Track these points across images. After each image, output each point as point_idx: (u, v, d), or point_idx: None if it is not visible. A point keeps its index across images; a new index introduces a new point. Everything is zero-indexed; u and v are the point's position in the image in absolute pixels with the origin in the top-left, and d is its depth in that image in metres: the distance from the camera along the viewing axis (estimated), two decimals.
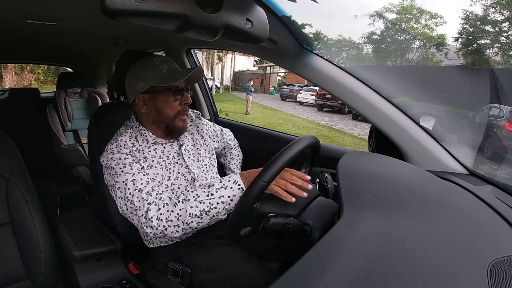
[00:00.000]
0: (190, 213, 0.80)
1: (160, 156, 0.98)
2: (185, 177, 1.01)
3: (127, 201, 0.86)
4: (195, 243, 1.00)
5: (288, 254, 0.93)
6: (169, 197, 0.85)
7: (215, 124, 1.29)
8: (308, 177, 0.80)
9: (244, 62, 24.93)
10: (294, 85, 17.02)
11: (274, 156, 0.73)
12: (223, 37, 0.67)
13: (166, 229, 0.81)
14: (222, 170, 1.33)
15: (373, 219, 0.58)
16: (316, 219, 0.75)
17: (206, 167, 1.10)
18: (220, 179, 0.84)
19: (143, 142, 0.98)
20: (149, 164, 0.95)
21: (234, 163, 1.30)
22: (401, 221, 0.59)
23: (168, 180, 0.98)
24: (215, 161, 1.17)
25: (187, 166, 1.02)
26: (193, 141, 1.10)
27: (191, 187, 0.86)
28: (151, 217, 0.81)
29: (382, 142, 1.03)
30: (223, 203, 0.80)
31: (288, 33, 0.99)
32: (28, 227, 0.95)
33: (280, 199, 0.77)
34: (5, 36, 1.62)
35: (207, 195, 0.81)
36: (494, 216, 0.66)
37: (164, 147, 1.01)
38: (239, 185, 0.81)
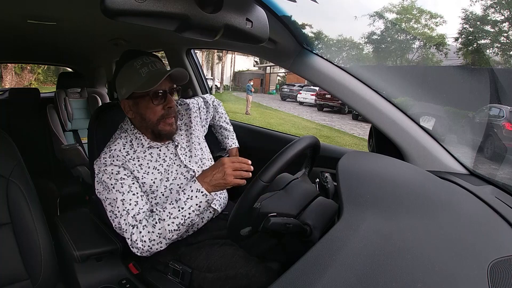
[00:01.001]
0: (169, 230, 0.84)
1: (156, 160, 0.97)
2: (184, 175, 1.01)
3: (116, 218, 0.88)
4: (195, 243, 1.00)
5: (288, 254, 0.93)
6: (146, 219, 0.87)
7: (196, 97, 1.27)
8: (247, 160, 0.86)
9: (244, 62, 24.92)
10: (294, 85, 17.01)
11: (274, 156, 0.73)
12: (223, 37, 0.67)
13: (151, 248, 0.86)
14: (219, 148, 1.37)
15: (373, 219, 0.58)
16: (316, 219, 0.75)
17: (202, 161, 1.09)
18: (183, 189, 0.86)
19: (138, 147, 0.96)
20: (145, 171, 0.94)
21: (224, 120, 1.35)
22: (401, 221, 0.59)
23: (166, 181, 0.97)
24: (207, 151, 1.16)
25: (185, 165, 1.02)
26: (187, 137, 1.09)
27: (161, 207, 0.87)
28: (135, 240, 0.85)
29: (382, 142, 1.03)
30: (193, 211, 0.85)
31: (288, 33, 0.99)
32: (28, 227, 0.95)
33: (280, 199, 0.77)
34: (5, 36, 1.62)
35: (178, 210, 0.84)
36: (494, 216, 0.66)
37: (160, 150, 0.99)
38: (202, 192, 0.85)
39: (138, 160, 0.95)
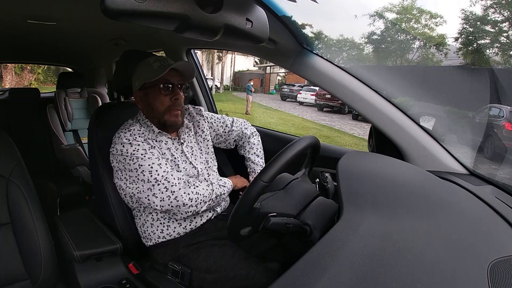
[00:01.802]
0: (216, 193, 1.00)
1: (167, 148, 1.02)
2: (187, 172, 1.04)
3: (156, 182, 0.92)
4: (195, 243, 1.00)
5: (288, 254, 0.93)
6: (198, 179, 1.01)
7: (224, 116, 1.27)
8: None
9: (244, 62, 24.91)
10: (294, 85, 17.00)
11: (274, 156, 0.73)
12: (223, 37, 0.67)
13: (198, 204, 0.95)
14: (221, 169, 1.32)
15: (373, 219, 0.58)
16: (316, 219, 0.75)
17: (208, 163, 1.12)
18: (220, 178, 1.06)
19: (149, 134, 1.01)
20: (162, 152, 1.00)
21: (254, 152, 1.23)
22: (401, 221, 0.59)
23: (178, 167, 1.02)
24: (215, 160, 1.17)
25: (191, 162, 1.05)
26: (194, 137, 1.12)
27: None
28: (189, 193, 0.94)
29: (382, 142, 1.03)
30: (225, 191, 1.05)
31: (288, 33, 0.99)
32: (28, 227, 0.95)
33: (280, 199, 0.77)
34: (5, 36, 1.62)
35: (220, 185, 1.03)
36: (494, 216, 0.66)
37: (167, 142, 1.04)
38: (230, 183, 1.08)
39: (154, 142, 1.00)
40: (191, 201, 0.93)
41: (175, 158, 1.03)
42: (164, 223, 1.00)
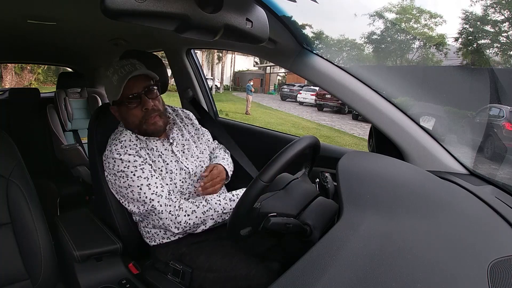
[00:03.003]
0: (214, 209, 0.94)
1: (158, 154, 1.00)
2: (180, 173, 1.02)
3: (145, 204, 0.91)
4: (196, 242, 1.00)
5: (288, 254, 0.93)
6: (194, 202, 0.95)
7: (212, 141, 1.25)
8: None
9: (244, 62, 24.91)
10: (294, 85, 17.00)
11: (274, 156, 0.73)
12: (223, 37, 0.67)
13: (190, 228, 0.92)
14: None
15: (373, 219, 0.58)
16: (316, 219, 0.75)
17: (204, 163, 1.10)
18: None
19: (139, 141, 0.99)
20: (153, 160, 0.97)
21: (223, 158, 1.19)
22: (401, 221, 0.59)
23: (171, 173, 0.99)
24: (207, 155, 1.16)
25: (181, 162, 1.03)
26: (183, 136, 1.10)
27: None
28: (180, 221, 0.91)
29: (382, 142, 1.03)
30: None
31: (288, 33, 0.99)
32: (28, 227, 0.95)
33: (280, 199, 0.77)
34: (5, 36, 1.62)
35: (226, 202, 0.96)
36: (494, 216, 0.66)
37: (156, 144, 1.01)
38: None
39: (145, 151, 0.98)
40: (178, 229, 0.92)
41: (167, 164, 1.00)
42: None
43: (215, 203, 0.95)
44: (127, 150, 0.93)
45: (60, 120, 2.21)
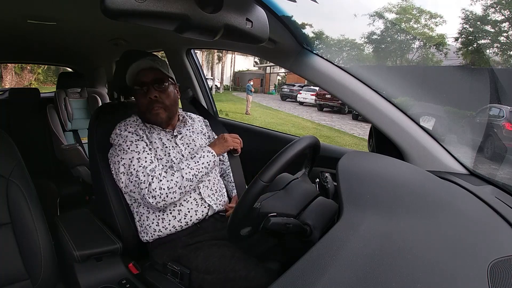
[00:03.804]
0: (186, 178, 0.97)
1: (157, 139, 1.06)
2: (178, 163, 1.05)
3: (131, 176, 0.97)
4: (193, 243, 0.99)
5: (288, 254, 0.93)
6: (165, 171, 0.98)
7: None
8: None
9: (244, 62, 24.90)
10: (294, 85, 16.99)
11: (274, 156, 0.73)
12: (223, 37, 0.67)
13: (167, 196, 0.95)
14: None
15: (373, 219, 0.58)
16: (316, 219, 0.75)
17: None
18: (196, 152, 1.05)
19: (143, 127, 1.07)
20: (151, 142, 1.04)
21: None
22: (401, 221, 0.59)
23: (167, 162, 1.03)
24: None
25: (183, 155, 1.06)
26: (191, 136, 1.13)
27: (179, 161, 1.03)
28: (154, 188, 0.94)
29: (382, 142, 1.03)
30: (205, 168, 1.02)
31: (288, 33, 0.99)
32: (28, 227, 0.95)
33: (280, 199, 0.77)
34: (5, 36, 1.62)
35: (195, 163, 1.00)
36: (494, 216, 0.66)
37: (159, 133, 1.08)
38: (211, 152, 1.04)
39: (146, 134, 1.06)
40: (155, 198, 0.94)
41: (166, 148, 1.05)
42: (159, 215, 1.01)
43: (187, 168, 0.99)
44: (127, 128, 1.03)
45: (60, 120, 2.21)
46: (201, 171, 1.00)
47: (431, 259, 0.50)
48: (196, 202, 1.03)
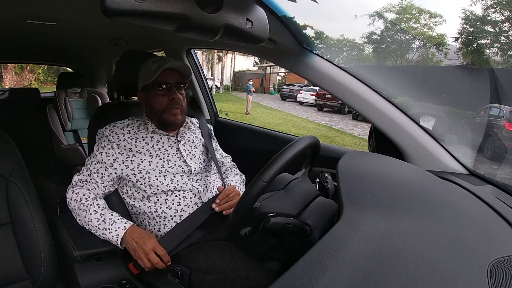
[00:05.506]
0: (88, 219, 0.97)
1: (153, 146, 1.05)
2: (182, 168, 1.05)
3: (85, 168, 1.03)
4: (193, 244, 0.99)
5: (288, 254, 0.93)
6: (87, 198, 1.00)
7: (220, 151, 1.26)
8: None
9: (244, 62, 24.90)
10: (294, 85, 17.00)
11: (274, 156, 0.73)
12: (223, 37, 0.67)
13: (71, 210, 1.00)
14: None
15: (373, 219, 0.58)
16: (316, 219, 0.75)
17: (208, 166, 1.13)
18: (117, 217, 0.96)
19: (143, 130, 1.07)
20: (139, 150, 1.03)
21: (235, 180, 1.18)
22: (401, 221, 0.59)
23: (162, 167, 1.02)
24: (213, 166, 1.17)
25: (185, 160, 1.06)
26: (193, 140, 1.14)
27: (97, 204, 0.99)
28: (70, 196, 1.01)
29: (382, 142, 1.03)
30: (101, 235, 0.95)
31: (288, 33, 0.99)
32: (28, 227, 0.95)
33: (280, 199, 0.77)
34: (5, 36, 1.62)
35: (98, 223, 0.96)
36: (494, 216, 0.66)
37: (161, 138, 1.07)
38: (125, 229, 0.93)
39: (137, 139, 1.05)
40: (71, 204, 1.00)
41: (162, 153, 1.05)
42: (159, 222, 1.01)
43: (94, 214, 0.97)
44: (109, 134, 1.03)
45: (60, 120, 2.21)
46: (97, 232, 0.96)
47: (431, 259, 0.50)
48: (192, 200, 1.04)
